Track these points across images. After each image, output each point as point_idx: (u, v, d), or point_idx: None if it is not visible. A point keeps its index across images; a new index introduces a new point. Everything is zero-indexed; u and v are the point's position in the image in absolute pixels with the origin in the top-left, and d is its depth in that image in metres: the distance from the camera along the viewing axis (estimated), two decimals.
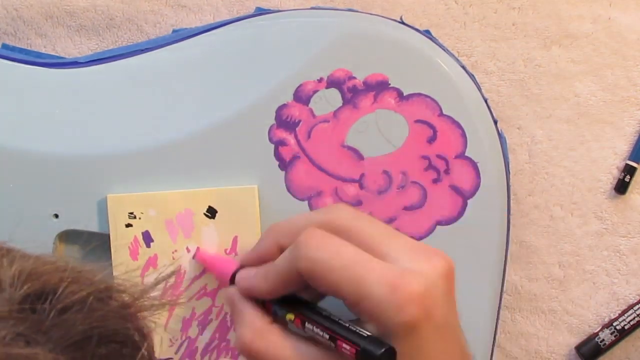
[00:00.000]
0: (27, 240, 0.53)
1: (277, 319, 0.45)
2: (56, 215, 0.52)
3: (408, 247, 0.43)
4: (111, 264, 0.53)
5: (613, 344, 0.56)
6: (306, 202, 0.52)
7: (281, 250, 0.45)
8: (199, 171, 0.52)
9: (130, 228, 0.52)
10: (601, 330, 0.56)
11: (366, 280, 0.41)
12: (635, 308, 0.56)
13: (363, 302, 0.41)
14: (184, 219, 0.51)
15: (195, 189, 0.51)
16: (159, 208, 0.51)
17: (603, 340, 0.56)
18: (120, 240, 0.52)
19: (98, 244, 0.54)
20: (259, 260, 0.47)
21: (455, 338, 0.43)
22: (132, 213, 0.51)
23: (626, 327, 0.56)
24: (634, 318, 0.56)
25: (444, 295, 0.42)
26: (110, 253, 0.52)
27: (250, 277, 0.46)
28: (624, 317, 0.56)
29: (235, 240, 0.51)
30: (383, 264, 0.42)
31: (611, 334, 0.56)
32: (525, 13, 0.56)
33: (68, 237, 0.54)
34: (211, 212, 0.51)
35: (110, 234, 0.52)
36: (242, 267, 0.48)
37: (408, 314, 0.40)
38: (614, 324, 0.56)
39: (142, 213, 0.51)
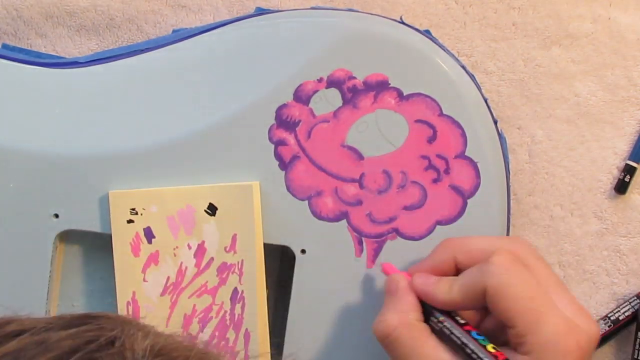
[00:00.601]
0: (27, 240, 0.53)
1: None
2: (56, 215, 0.52)
3: (574, 303, 0.45)
4: (112, 263, 0.53)
5: (607, 334, 0.56)
6: (306, 202, 0.52)
7: (456, 267, 0.47)
8: (198, 171, 0.52)
9: (131, 224, 0.52)
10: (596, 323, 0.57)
11: (545, 320, 0.43)
12: (631, 301, 0.56)
13: (532, 337, 0.42)
14: (185, 215, 0.51)
15: (197, 186, 0.52)
16: (161, 204, 0.51)
17: None
18: (122, 237, 0.52)
19: (98, 244, 0.54)
20: (432, 271, 0.48)
21: None
22: (133, 209, 0.52)
23: (620, 318, 0.56)
24: (628, 309, 0.56)
25: (589, 357, 0.44)
26: (111, 253, 0.52)
27: (430, 283, 0.47)
28: (618, 309, 0.56)
29: (234, 238, 0.51)
30: (559, 310, 0.44)
31: (605, 324, 0.56)
32: (525, 13, 0.56)
33: (68, 237, 0.54)
34: (212, 209, 0.51)
35: (112, 230, 0.52)
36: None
37: None
38: (609, 315, 0.56)
39: (143, 209, 0.52)
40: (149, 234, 0.52)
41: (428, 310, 0.47)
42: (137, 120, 0.52)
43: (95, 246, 0.54)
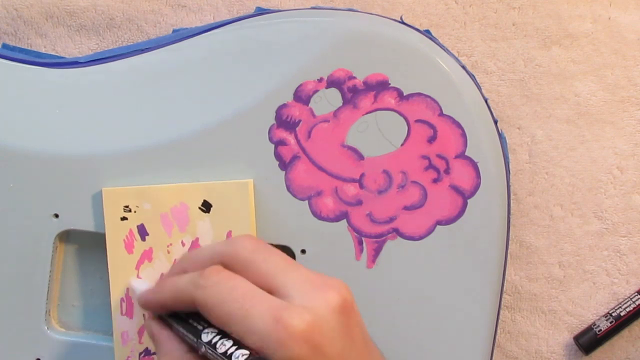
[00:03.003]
0: (26, 240, 0.53)
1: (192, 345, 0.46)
2: (56, 215, 0.52)
3: (303, 281, 0.43)
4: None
5: (609, 330, 0.56)
6: (306, 202, 0.52)
7: None
8: (198, 171, 0.52)
9: (125, 221, 0.52)
10: (598, 319, 0.57)
11: (251, 314, 0.41)
12: (632, 297, 0.56)
13: (248, 337, 0.41)
14: (179, 212, 0.51)
15: (190, 183, 0.52)
16: (154, 202, 0.51)
17: (599, 326, 0.56)
18: (116, 234, 0.52)
19: (98, 244, 0.54)
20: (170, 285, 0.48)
21: None
22: (127, 206, 0.52)
23: (622, 314, 0.56)
24: (629, 305, 0.56)
25: (337, 329, 0.41)
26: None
27: (148, 291, 0.48)
28: (619, 305, 0.56)
29: (229, 234, 0.51)
30: (270, 298, 0.42)
31: (607, 320, 0.56)
32: (525, 13, 0.56)
33: (68, 237, 0.54)
34: (206, 206, 0.51)
35: (106, 227, 0.52)
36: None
37: (290, 350, 0.40)
38: (610, 311, 0.56)
39: (137, 206, 0.52)
40: (142, 231, 0.52)
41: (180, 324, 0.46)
42: (138, 120, 0.52)
43: (94, 246, 0.54)
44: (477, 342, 0.52)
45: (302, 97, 0.52)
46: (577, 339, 0.57)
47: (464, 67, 0.52)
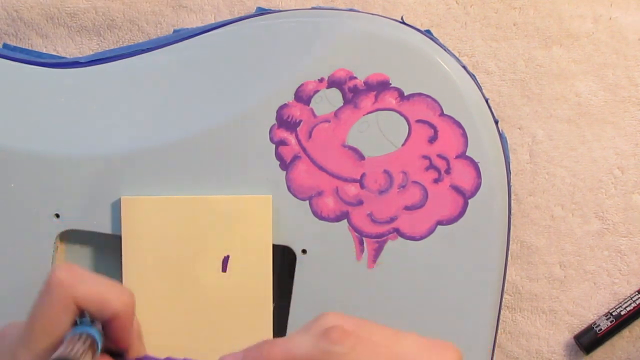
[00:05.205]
0: (27, 240, 0.53)
1: None
2: (57, 215, 0.52)
3: (419, 344, 0.42)
4: (113, 263, 0.53)
5: (609, 330, 0.56)
6: (307, 202, 0.52)
7: None
8: (199, 171, 0.52)
9: (142, 230, 0.51)
10: (598, 319, 0.57)
11: None
12: (632, 296, 0.56)
13: None
14: (197, 224, 0.51)
15: (210, 195, 0.51)
16: (172, 212, 0.51)
17: (599, 326, 0.56)
18: (132, 243, 0.51)
19: (99, 244, 0.54)
20: None
21: None
22: (145, 215, 0.51)
23: (622, 313, 0.56)
24: (629, 304, 0.56)
25: None
26: (111, 253, 0.52)
27: (249, 353, 0.42)
28: (620, 304, 0.56)
29: (246, 244, 0.51)
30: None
31: (607, 319, 0.56)
32: (526, 13, 0.56)
33: (69, 237, 0.54)
34: (224, 219, 0.51)
35: (122, 235, 0.51)
36: None
37: None
38: (611, 311, 0.56)
39: (155, 216, 0.51)
40: (159, 240, 0.51)
41: None
42: (137, 120, 0.52)
43: (96, 246, 0.54)
44: (477, 342, 0.52)
45: (302, 97, 0.52)
46: (577, 338, 0.57)
47: (464, 67, 0.52)
